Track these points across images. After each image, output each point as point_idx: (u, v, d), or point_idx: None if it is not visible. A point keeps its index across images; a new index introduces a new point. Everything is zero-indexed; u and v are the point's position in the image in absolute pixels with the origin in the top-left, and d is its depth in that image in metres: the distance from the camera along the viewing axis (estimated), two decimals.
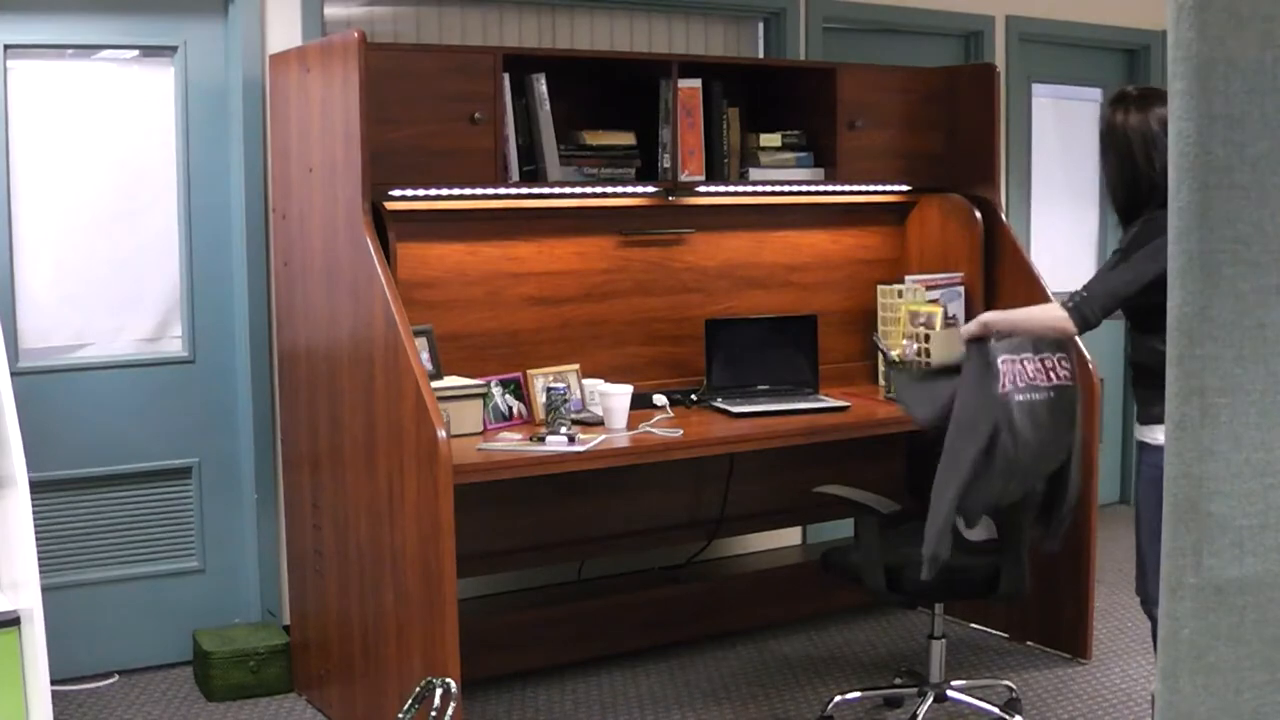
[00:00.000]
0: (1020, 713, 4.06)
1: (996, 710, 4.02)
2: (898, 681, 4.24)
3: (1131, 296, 3.32)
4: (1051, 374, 3.76)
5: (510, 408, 4.18)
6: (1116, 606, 5.11)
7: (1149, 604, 3.48)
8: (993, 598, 3.90)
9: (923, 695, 3.98)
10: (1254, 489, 1.20)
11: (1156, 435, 3.35)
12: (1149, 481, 3.39)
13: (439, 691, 2.66)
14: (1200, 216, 1.18)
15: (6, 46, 4.15)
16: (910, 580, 3.77)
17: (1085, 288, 3.37)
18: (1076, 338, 3.64)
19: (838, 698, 4.13)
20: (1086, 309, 3.36)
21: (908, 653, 4.67)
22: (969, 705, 4.05)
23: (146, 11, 4.33)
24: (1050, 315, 3.52)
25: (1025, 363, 3.68)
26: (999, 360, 3.57)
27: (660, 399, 4.28)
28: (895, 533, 3.83)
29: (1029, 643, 4.71)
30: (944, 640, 4.02)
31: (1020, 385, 3.64)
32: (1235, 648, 1.21)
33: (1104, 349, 6.37)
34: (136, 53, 4.39)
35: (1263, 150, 1.17)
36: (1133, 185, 3.33)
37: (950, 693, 4.01)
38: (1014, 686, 4.18)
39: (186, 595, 4.53)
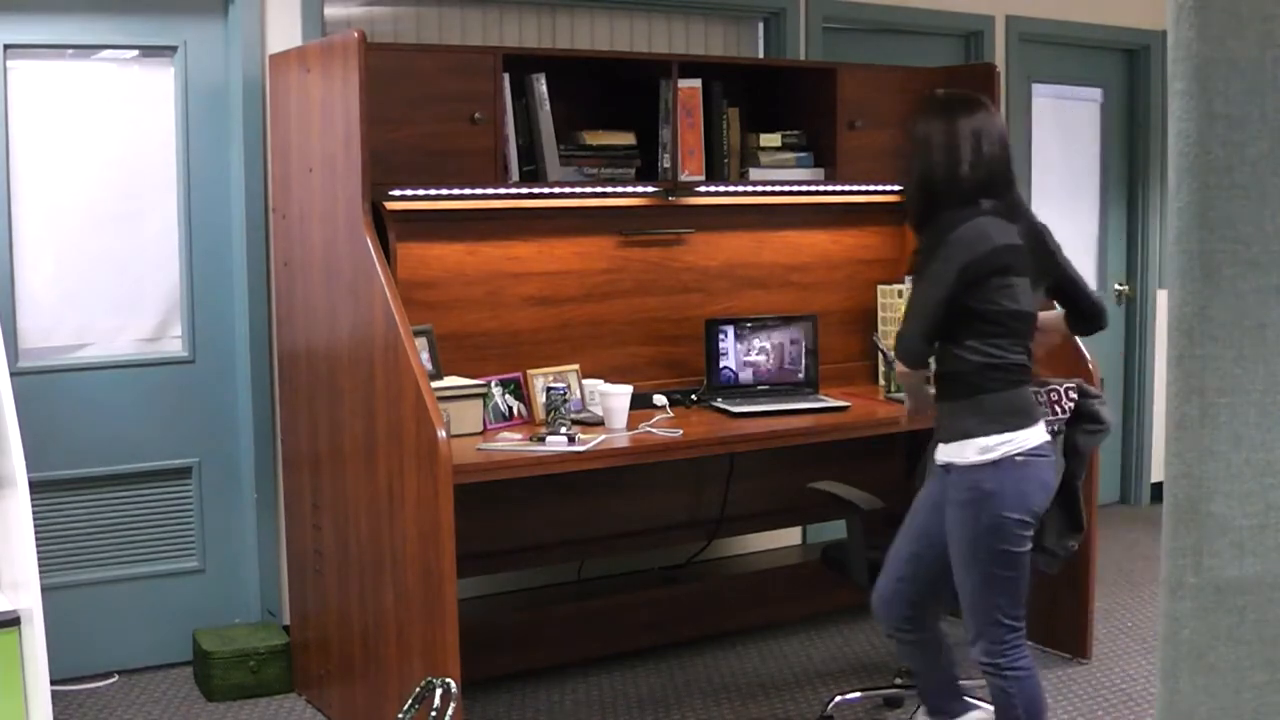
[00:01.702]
0: None
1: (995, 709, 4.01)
2: (898, 681, 4.24)
3: (942, 311, 3.21)
4: (1057, 406, 3.74)
5: (510, 408, 4.18)
6: (1116, 606, 5.11)
7: (974, 647, 3.34)
8: None
9: None
10: (1254, 489, 1.20)
11: (966, 453, 3.24)
12: (959, 505, 3.27)
13: (439, 691, 2.66)
14: (1200, 216, 1.18)
15: (6, 46, 4.15)
16: (862, 571, 3.82)
17: (900, 332, 3.27)
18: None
19: (838, 698, 4.14)
20: (910, 347, 3.25)
21: None
22: None
23: (146, 11, 4.33)
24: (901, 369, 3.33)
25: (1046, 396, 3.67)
26: None
27: (660, 399, 4.28)
28: (886, 529, 3.83)
29: (1029, 643, 4.70)
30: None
31: None
32: (1235, 648, 1.20)
33: (1104, 349, 6.37)
34: (136, 53, 4.39)
35: (1263, 150, 1.17)
36: (930, 190, 3.28)
37: None
38: None
39: (186, 595, 4.53)
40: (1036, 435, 3.27)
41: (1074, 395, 3.77)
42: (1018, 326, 3.28)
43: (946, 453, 3.30)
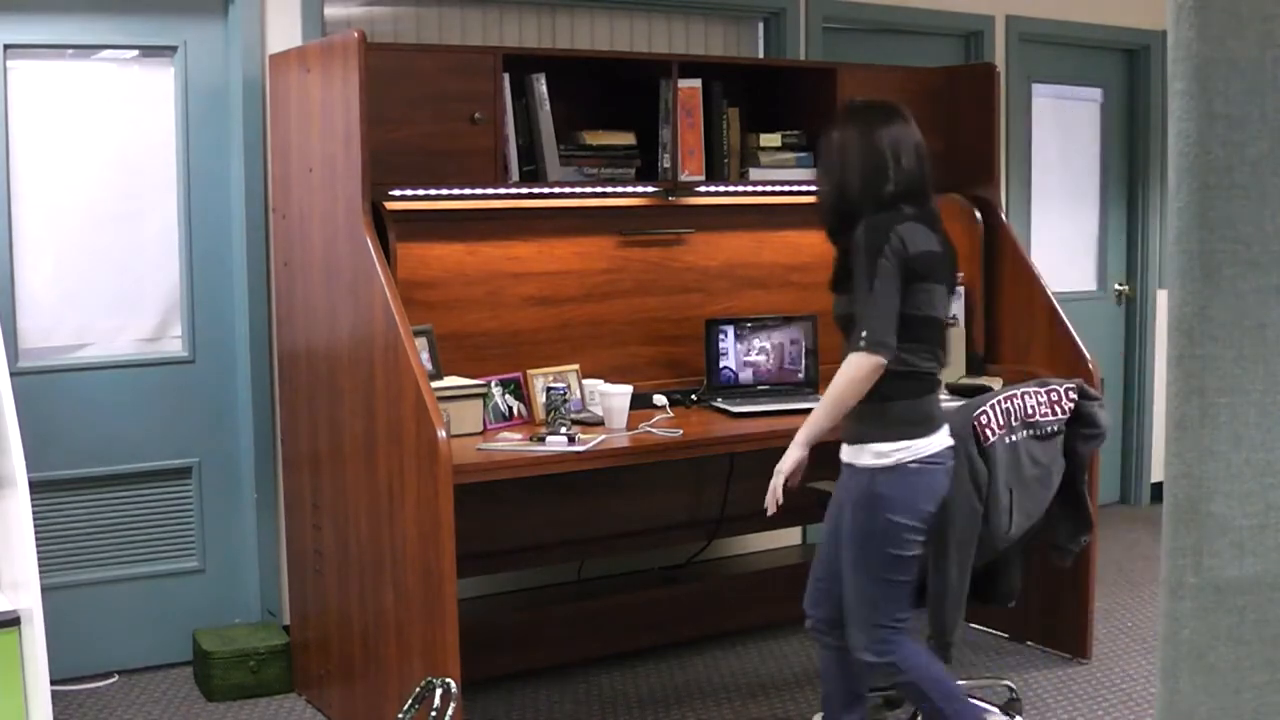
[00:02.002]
0: (1020, 713, 4.07)
1: (996, 710, 4.02)
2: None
3: (895, 309, 3.21)
4: (1057, 407, 3.75)
5: (510, 408, 4.18)
6: (1116, 606, 5.11)
7: (860, 649, 3.36)
8: (986, 600, 3.90)
9: None
10: (1254, 489, 1.20)
11: (863, 457, 3.29)
12: (853, 505, 3.31)
13: (439, 691, 2.66)
14: (1200, 216, 1.18)
15: (6, 46, 4.15)
16: None
17: (863, 327, 3.20)
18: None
19: None
20: (881, 339, 3.19)
21: None
22: None
23: (146, 11, 4.33)
24: (852, 374, 3.22)
25: (1026, 397, 3.68)
26: (975, 415, 3.56)
27: (660, 399, 4.28)
28: None
29: (1029, 643, 4.71)
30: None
31: (1014, 424, 3.64)
32: (1235, 648, 1.21)
33: (1104, 348, 6.37)
34: (136, 53, 4.39)
35: (1263, 150, 1.17)
36: (846, 199, 3.31)
37: None
38: (1014, 687, 4.18)
39: (186, 595, 4.53)
40: (934, 443, 3.31)
41: (1074, 396, 3.78)
42: (931, 334, 3.31)
43: (847, 454, 3.35)
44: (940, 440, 3.34)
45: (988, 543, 3.63)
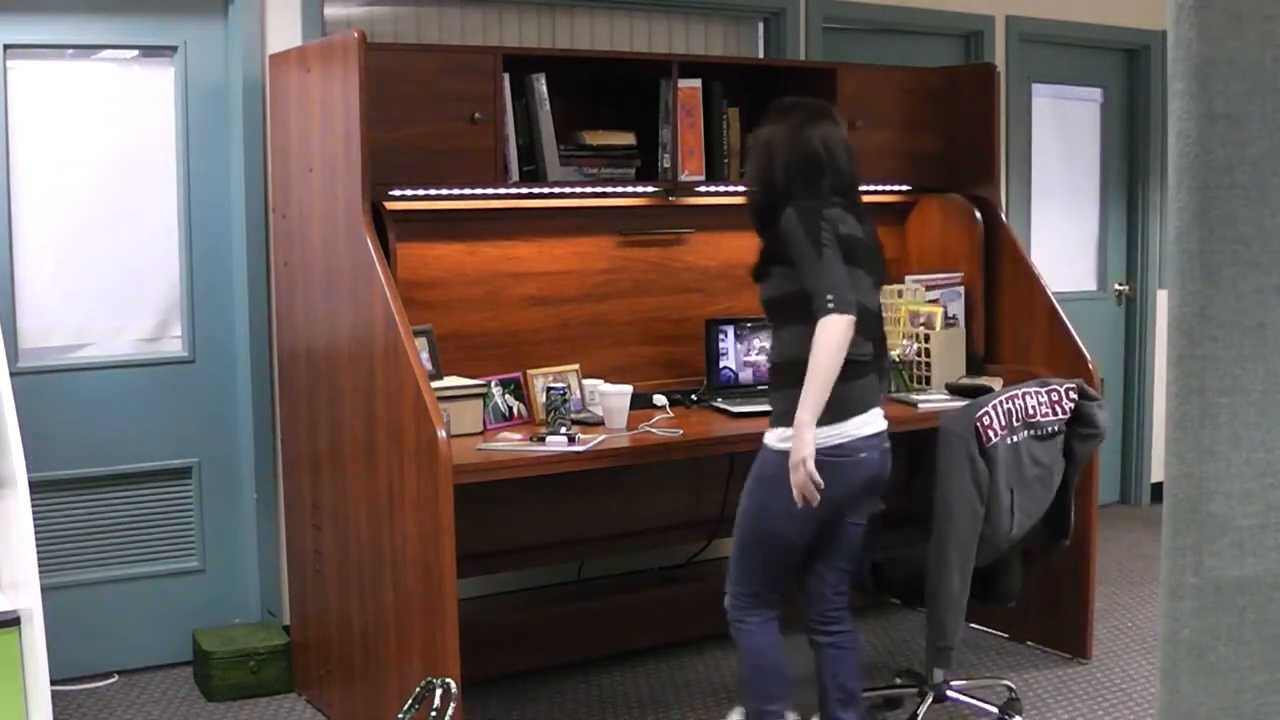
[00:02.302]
0: (1020, 713, 4.07)
1: (996, 710, 4.02)
2: (898, 681, 4.24)
3: (846, 275, 3.24)
4: (1058, 407, 3.75)
5: (510, 408, 4.18)
6: (1116, 606, 5.11)
7: (726, 601, 3.48)
8: (986, 600, 3.91)
9: (922, 696, 3.98)
10: (1254, 489, 1.20)
11: (769, 437, 3.36)
12: (752, 477, 3.40)
13: (439, 691, 2.66)
14: (1200, 216, 1.18)
15: (6, 46, 4.15)
16: (889, 579, 3.81)
17: (825, 291, 3.20)
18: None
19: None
20: (845, 298, 3.20)
21: (907, 652, 4.67)
22: (968, 705, 4.06)
23: (146, 11, 4.33)
24: (827, 339, 3.18)
25: (1026, 397, 3.68)
26: (978, 416, 3.57)
27: (660, 399, 4.27)
28: (884, 529, 3.84)
29: (1029, 643, 4.71)
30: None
31: (1015, 424, 3.65)
32: (1235, 648, 1.20)
33: (1104, 349, 6.37)
34: (136, 53, 4.39)
35: (1263, 150, 1.17)
36: (772, 193, 3.37)
37: (950, 693, 4.02)
38: (1014, 687, 4.18)
39: (186, 595, 4.53)
40: (844, 433, 3.31)
41: (1074, 396, 3.78)
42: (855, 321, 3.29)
43: (771, 438, 3.38)
44: (849, 431, 3.32)
45: (990, 543, 3.63)
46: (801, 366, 3.22)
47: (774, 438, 3.35)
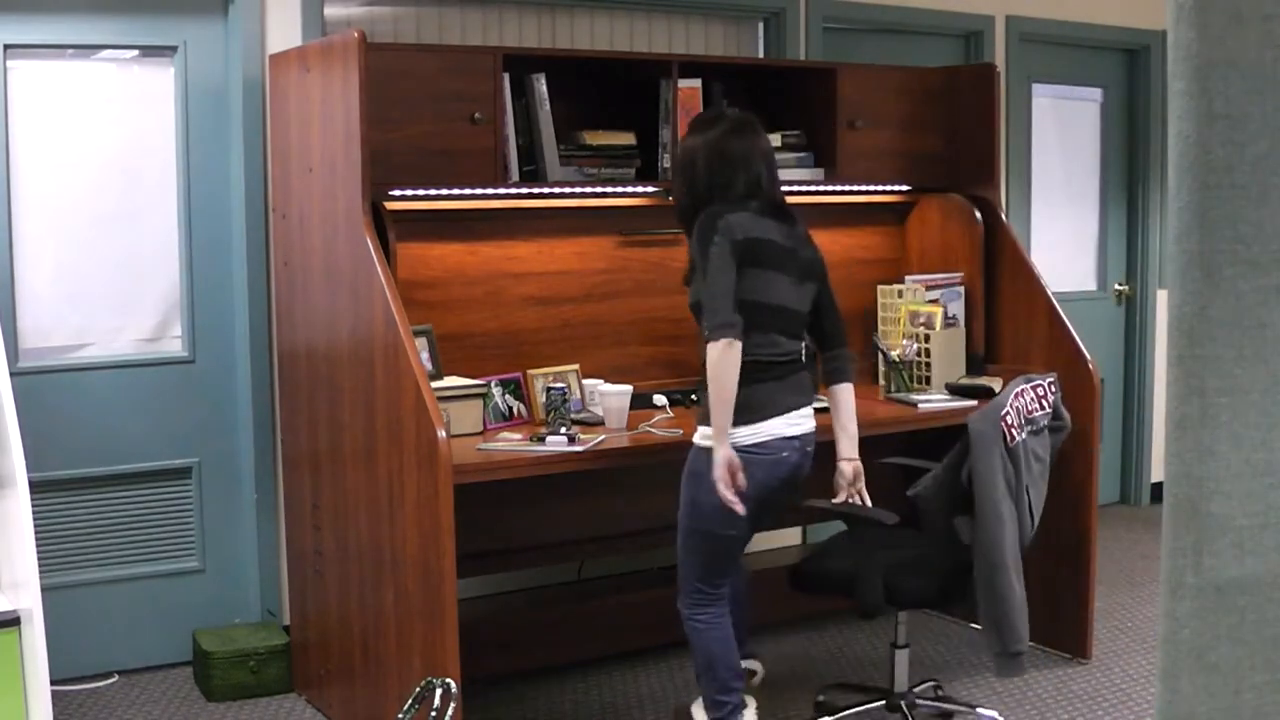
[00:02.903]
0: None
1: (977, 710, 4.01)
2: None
3: (732, 290, 3.35)
4: (1044, 401, 3.77)
5: (510, 408, 4.18)
6: (1116, 606, 5.11)
7: (680, 604, 3.61)
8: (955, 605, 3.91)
9: (893, 708, 3.97)
10: (1254, 489, 1.20)
11: (696, 435, 3.48)
12: (684, 475, 3.52)
13: (439, 691, 2.66)
14: (1200, 216, 1.18)
15: (6, 46, 4.15)
16: (907, 590, 3.79)
17: (705, 317, 3.36)
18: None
19: (820, 697, 4.14)
20: (723, 322, 3.33)
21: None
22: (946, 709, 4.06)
23: (146, 11, 4.33)
24: (712, 368, 3.34)
25: (1024, 394, 3.70)
26: (1001, 415, 3.58)
27: (660, 399, 4.27)
28: (880, 543, 3.84)
29: (1029, 643, 4.70)
30: (908, 649, 4.00)
31: (1025, 422, 3.67)
32: (1235, 648, 1.20)
33: (1104, 348, 6.37)
34: (136, 53, 4.39)
35: (1263, 150, 1.17)
36: (695, 201, 3.50)
37: (920, 701, 4.02)
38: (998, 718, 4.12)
39: (186, 595, 4.53)
40: (760, 432, 3.43)
41: (1055, 390, 3.82)
42: (766, 320, 3.43)
43: (699, 435, 3.49)
44: (769, 430, 3.45)
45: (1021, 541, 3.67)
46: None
47: (699, 435, 3.49)
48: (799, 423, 3.52)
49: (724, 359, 3.33)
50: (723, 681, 3.60)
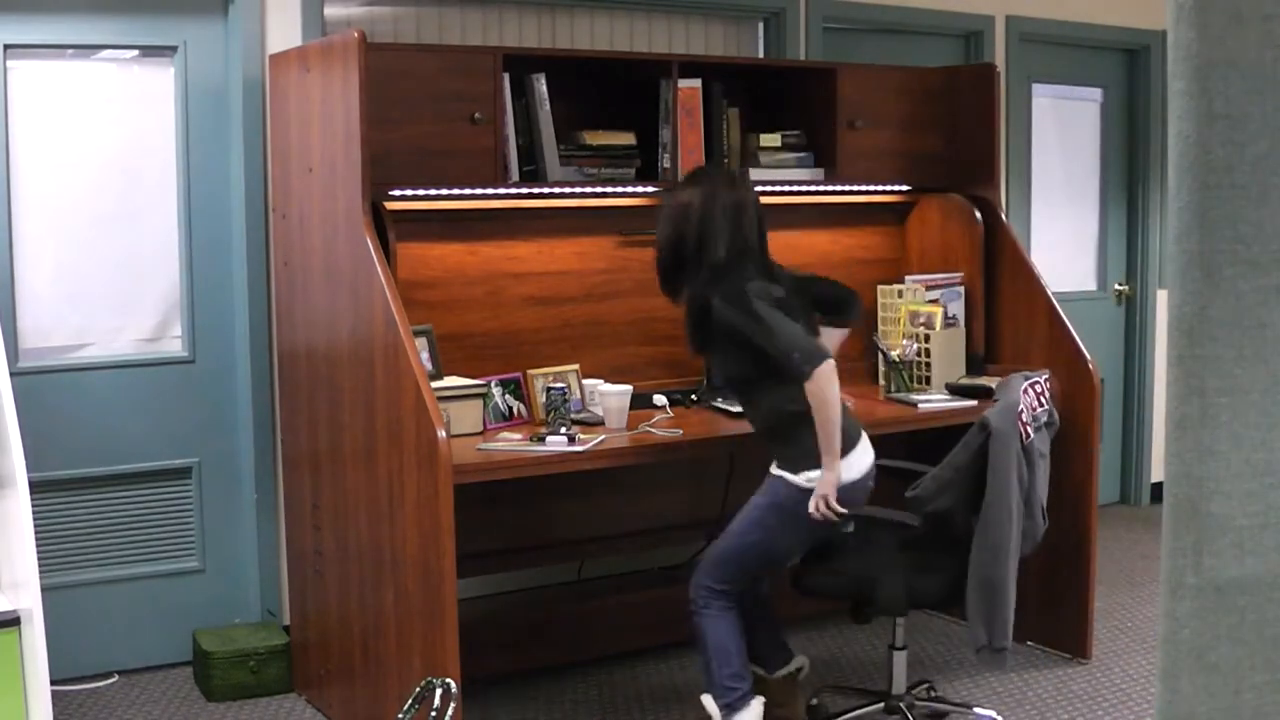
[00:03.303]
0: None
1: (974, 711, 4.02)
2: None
3: (799, 327, 3.52)
4: (1042, 397, 3.80)
5: (510, 408, 4.18)
6: (1116, 606, 5.11)
7: (691, 587, 3.68)
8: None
9: (892, 710, 3.97)
10: (1254, 489, 1.20)
11: (795, 478, 3.57)
12: (776, 503, 3.60)
13: (439, 691, 2.66)
14: (1200, 216, 1.18)
15: (6, 46, 4.15)
16: (926, 592, 3.80)
17: (792, 353, 3.45)
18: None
19: (813, 700, 4.14)
20: (810, 351, 3.46)
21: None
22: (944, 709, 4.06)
23: (146, 11, 4.33)
24: (821, 398, 3.45)
25: (1027, 391, 3.72)
26: (1018, 413, 3.61)
27: (660, 399, 4.27)
28: (897, 546, 3.85)
29: (1029, 643, 4.70)
30: (906, 650, 4.00)
31: (1032, 419, 3.69)
32: (1235, 648, 1.20)
33: (1104, 348, 6.37)
34: (136, 53, 4.39)
35: (1263, 150, 1.17)
36: (681, 255, 3.61)
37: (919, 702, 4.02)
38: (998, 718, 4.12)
39: (186, 595, 4.53)
40: (851, 469, 3.60)
41: (1050, 386, 3.85)
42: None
43: (779, 469, 3.64)
44: (859, 463, 3.65)
45: (1030, 540, 3.70)
46: (796, 419, 3.51)
47: (800, 478, 3.56)
48: (868, 447, 3.68)
49: (830, 384, 3.44)
50: (735, 668, 3.67)
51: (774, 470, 3.65)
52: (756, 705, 3.67)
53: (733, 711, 3.64)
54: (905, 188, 4.96)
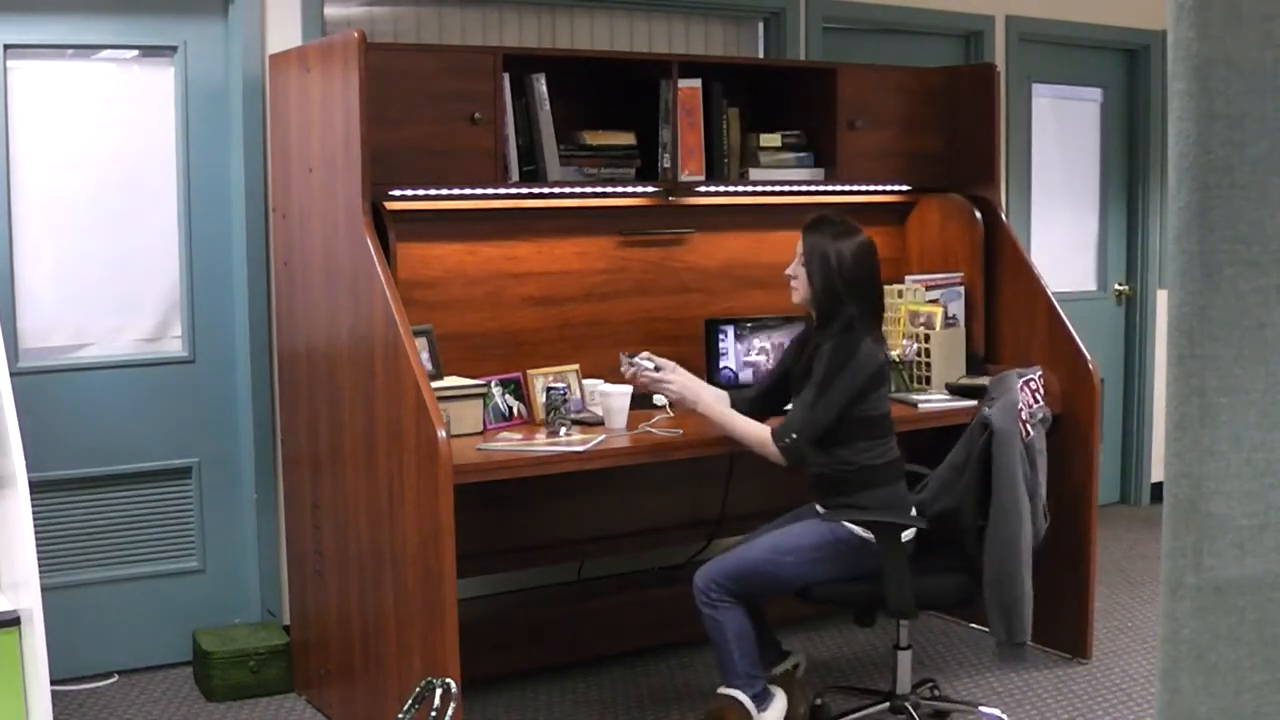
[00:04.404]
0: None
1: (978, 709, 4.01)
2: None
3: (831, 423, 3.66)
4: (1037, 394, 3.81)
5: (510, 408, 4.18)
6: (1116, 606, 5.11)
7: (697, 583, 3.74)
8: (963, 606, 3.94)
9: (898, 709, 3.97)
10: (1254, 489, 1.20)
11: (850, 524, 3.68)
12: (827, 541, 3.69)
13: (439, 691, 2.66)
14: (1200, 216, 1.18)
15: (6, 46, 4.15)
16: (937, 594, 3.81)
17: (792, 429, 3.67)
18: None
19: (817, 700, 4.14)
20: (801, 449, 3.68)
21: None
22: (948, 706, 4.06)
23: (146, 11, 4.33)
24: (760, 438, 3.74)
25: (1025, 388, 3.73)
26: (1018, 411, 3.61)
27: (660, 399, 4.27)
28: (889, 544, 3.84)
29: (1028, 642, 4.70)
30: (910, 650, 3.99)
31: (1029, 416, 3.69)
32: (1235, 648, 1.20)
33: (1104, 348, 6.37)
34: (136, 53, 4.39)
35: (1263, 150, 1.17)
36: (832, 295, 3.76)
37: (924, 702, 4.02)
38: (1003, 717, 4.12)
39: (186, 595, 4.53)
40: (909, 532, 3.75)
41: (1044, 382, 3.86)
42: (887, 429, 3.80)
43: (831, 512, 3.76)
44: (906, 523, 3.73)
45: (1035, 536, 3.69)
46: (860, 473, 3.70)
47: (855, 527, 3.69)
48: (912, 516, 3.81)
49: (765, 452, 3.72)
50: (755, 657, 3.74)
51: (824, 512, 3.75)
52: (781, 697, 3.77)
53: (762, 701, 3.72)
54: (905, 188, 4.96)
